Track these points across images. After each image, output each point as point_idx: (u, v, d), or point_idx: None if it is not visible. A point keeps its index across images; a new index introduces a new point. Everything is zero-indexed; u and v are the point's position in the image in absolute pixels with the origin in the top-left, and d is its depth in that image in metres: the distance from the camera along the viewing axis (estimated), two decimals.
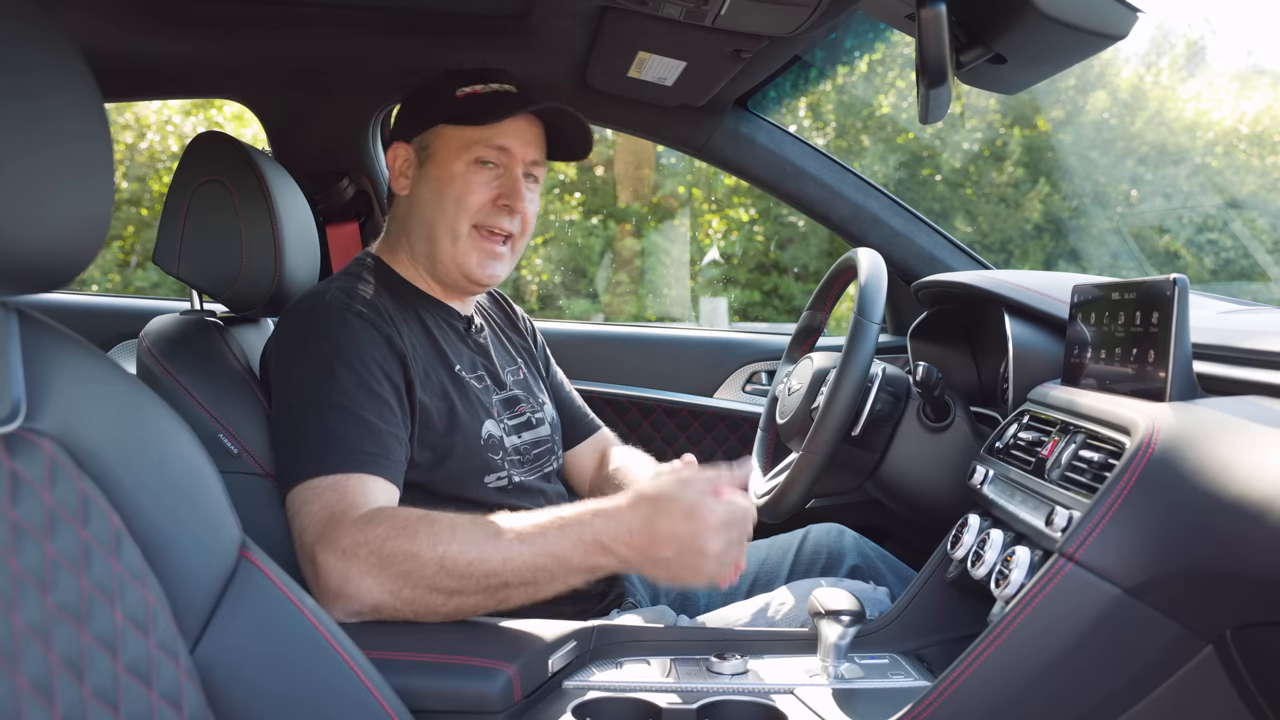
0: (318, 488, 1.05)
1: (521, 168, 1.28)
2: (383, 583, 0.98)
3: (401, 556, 0.98)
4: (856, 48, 2.23)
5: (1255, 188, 9.10)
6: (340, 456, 1.06)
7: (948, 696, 0.85)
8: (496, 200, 1.27)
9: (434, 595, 0.99)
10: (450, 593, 0.99)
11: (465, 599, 1.00)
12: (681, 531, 0.99)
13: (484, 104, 1.25)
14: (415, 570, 0.98)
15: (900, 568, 1.50)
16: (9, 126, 0.56)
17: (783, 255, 9.14)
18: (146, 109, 7.65)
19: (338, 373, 1.11)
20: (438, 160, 1.27)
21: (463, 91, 1.26)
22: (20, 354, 0.63)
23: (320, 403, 1.09)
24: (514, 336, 1.50)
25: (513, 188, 1.27)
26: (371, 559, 0.98)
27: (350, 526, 1.00)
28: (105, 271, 7.51)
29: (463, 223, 1.26)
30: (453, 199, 1.26)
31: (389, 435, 1.11)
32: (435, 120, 1.27)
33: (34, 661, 0.56)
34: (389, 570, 0.98)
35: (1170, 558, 0.78)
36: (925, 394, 1.29)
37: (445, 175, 1.26)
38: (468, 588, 0.99)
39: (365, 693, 0.77)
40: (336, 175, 1.89)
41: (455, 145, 1.26)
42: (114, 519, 0.65)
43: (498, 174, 1.27)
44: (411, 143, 1.30)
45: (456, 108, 1.26)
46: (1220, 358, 0.98)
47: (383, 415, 1.11)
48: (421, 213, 1.29)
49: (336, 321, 1.15)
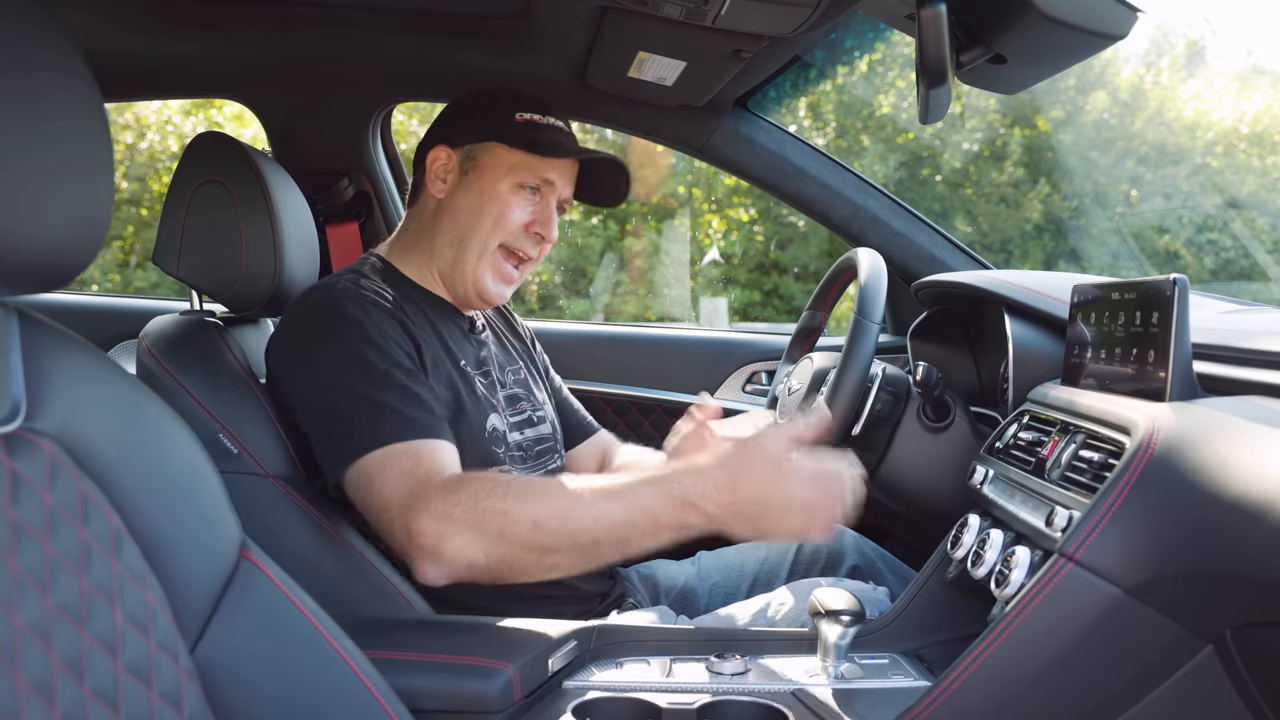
0: (390, 456, 1.06)
1: (556, 201, 1.32)
2: (477, 540, 1.00)
3: (494, 514, 1.00)
4: (856, 48, 2.23)
5: (1255, 188, 9.10)
6: (399, 425, 1.08)
7: (948, 696, 0.85)
8: (530, 226, 1.30)
9: (528, 554, 1.00)
10: (544, 550, 1.00)
11: (559, 557, 1.01)
12: (767, 485, 0.98)
13: (546, 135, 1.29)
14: (508, 528, 0.99)
15: (900, 568, 1.50)
16: (9, 127, 0.56)
17: (783, 255, 9.14)
18: (146, 109, 7.65)
19: (366, 352, 1.12)
20: (484, 175, 1.29)
21: (522, 117, 1.29)
22: (20, 354, 0.63)
23: (359, 381, 1.11)
24: (513, 340, 1.51)
25: (548, 217, 1.31)
26: (465, 518, 1.00)
27: (440, 489, 1.02)
28: (105, 271, 7.51)
29: (494, 239, 1.29)
30: (492, 215, 1.28)
31: (433, 401, 1.14)
32: (490, 136, 1.29)
33: (34, 661, 0.56)
34: (482, 529, 1.00)
35: (1170, 558, 0.78)
36: (925, 394, 1.29)
37: (490, 191, 1.28)
38: (560, 545, 1.00)
39: (365, 693, 0.77)
40: (336, 175, 1.89)
41: (505, 165, 1.28)
42: (114, 519, 0.65)
43: (535, 201, 1.30)
44: (458, 150, 1.31)
45: (516, 131, 1.28)
46: (1220, 358, 0.98)
47: (418, 385, 1.14)
48: (455, 219, 1.30)
49: (353, 308, 1.16)
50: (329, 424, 1.12)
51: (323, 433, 1.13)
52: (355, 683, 0.77)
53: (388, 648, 0.93)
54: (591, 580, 1.33)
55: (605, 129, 2.00)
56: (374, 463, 1.07)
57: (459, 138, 1.32)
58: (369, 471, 1.07)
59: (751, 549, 1.56)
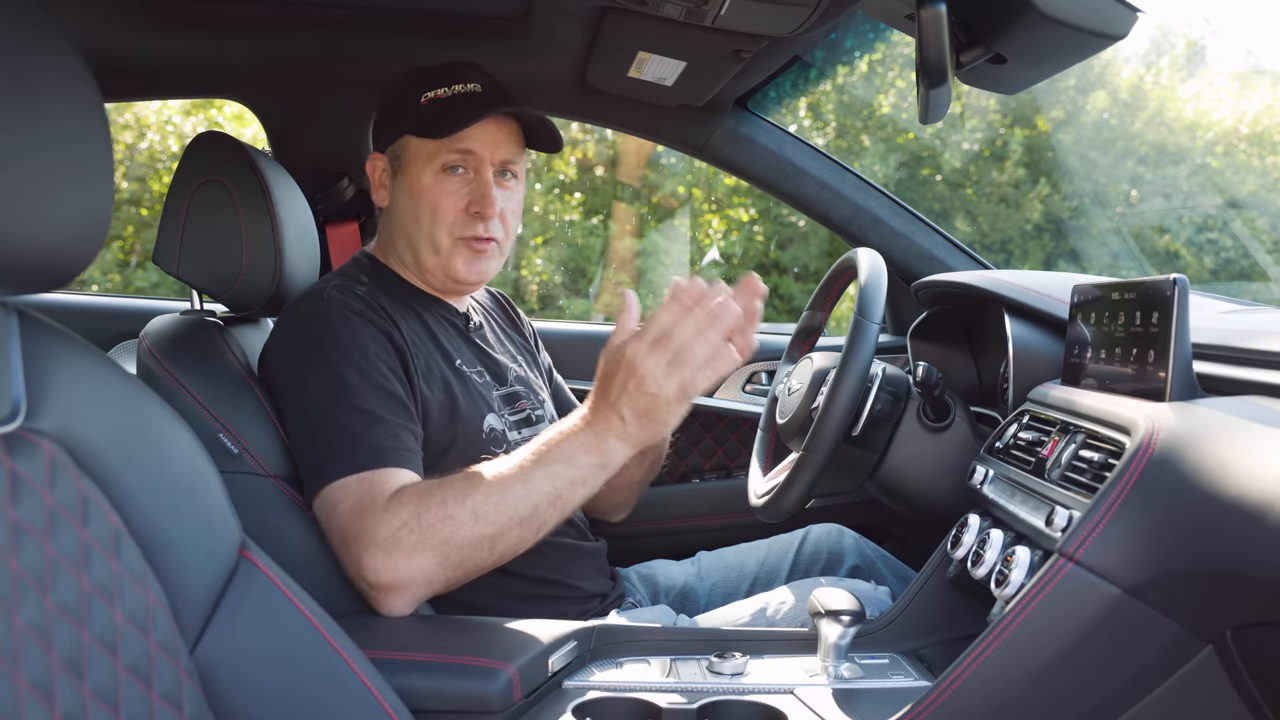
0: (345, 488, 1.06)
1: (492, 168, 1.26)
2: (429, 556, 1.01)
3: (437, 524, 1.01)
4: (856, 48, 2.23)
5: (1255, 188, 9.09)
6: (359, 455, 1.07)
7: (948, 696, 0.85)
8: (468, 209, 1.25)
9: (477, 549, 1.02)
10: (492, 539, 1.02)
11: (506, 539, 1.03)
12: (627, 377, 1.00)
13: (446, 110, 1.22)
14: (454, 533, 1.00)
15: (900, 568, 1.50)
16: (9, 128, 0.56)
17: (783, 255, 9.14)
18: (146, 109, 7.64)
19: (345, 374, 1.11)
20: (409, 171, 1.26)
21: (426, 97, 1.23)
22: (20, 354, 0.63)
23: (333, 405, 1.10)
24: (514, 335, 1.50)
25: (482, 193, 1.24)
26: (412, 538, 1.00)
27: (381, 514, 1.02)
28: (105, 271, 7.51)
29: (441, 234, 1.25)
30: (427, 211, 1.25)
31: (402, 428, 1.12)
32: (402, 130, 1.26)
33: (34, 661, 0.56)
34: (430, 541, 1.00)
35: (1170, 557, 0.78)
36: (925, 394, 1.29)
37: (417, 187, 1.25)
38: (504, 526, 1.02)
39: (365, 693, 0.77)
40: (336, 175, 1.89)
41: (423, 155, 1.24)
42: (114, 519, 0.65)
43: (467, 180, 1.25)
44: (385, 153, 1.29)
45: (420, 116, 1.23)
46: (1220, 358, 0.98)
47: (393, 410, 1.12)
48: (401, 224, 1.28)
49: (338, 322, 1.15)
50: (303, 446, 1.13)
51: (299, 454, 1.14)
52: (355, 683, 0.77)
53: (388, 648, 0.93)
54: (591, 580, 1.33)
55: (605, 129, 2.00)
56: (334, 492, 1.06)
57: (383, 141, 1.29)
58: (330, 502, 1.06)
59: (751, 549, 1.56)
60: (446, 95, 1.23)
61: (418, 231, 1.26)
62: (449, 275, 1.28)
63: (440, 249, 1.26)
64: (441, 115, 1.23)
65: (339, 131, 1.88)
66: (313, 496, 1.09)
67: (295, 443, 1.14)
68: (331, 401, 1.10)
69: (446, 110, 1.23)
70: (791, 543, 1.53)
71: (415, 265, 1.30)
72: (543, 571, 1.24)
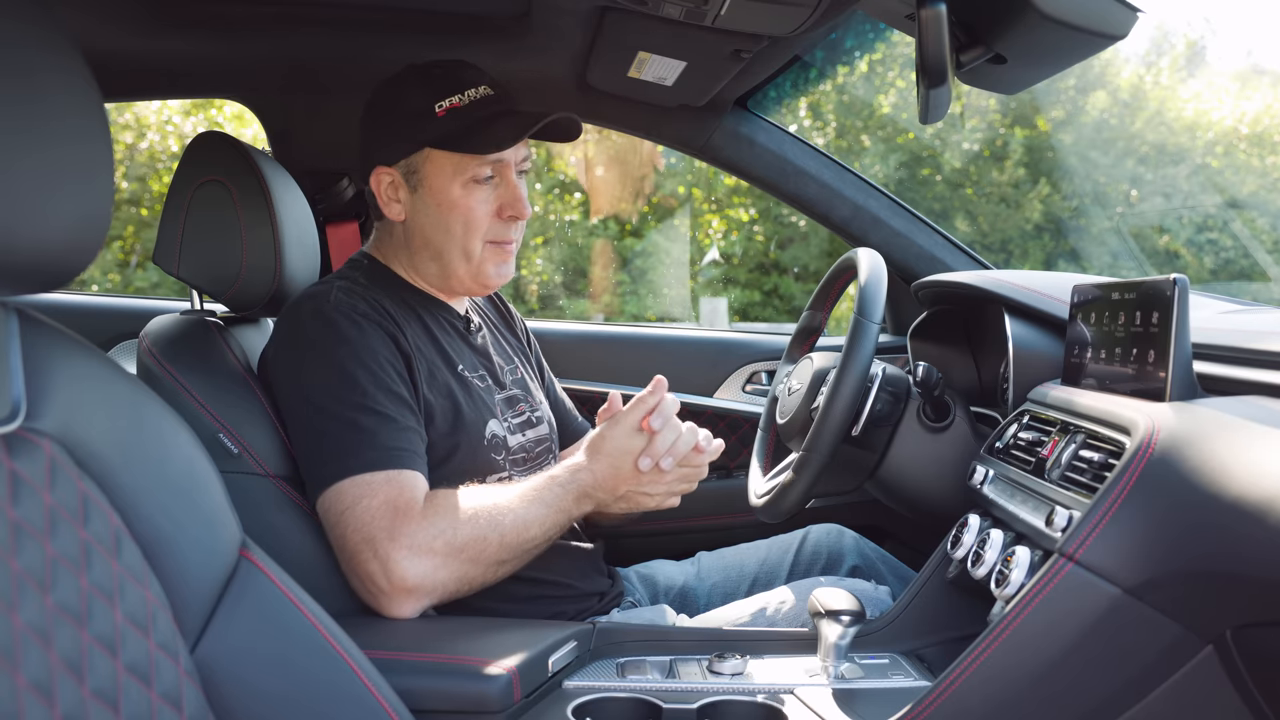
0: (370, 483, 1.07)
1: (515, 170, 1.26)
2: (455, 569, 1.07)
3: (471, 542, 1.07)
4: (856, 48, 2.23)
5: (1255, 188, 9.10)
6: (373, 453, 1.08)
7: (948, 696, 0.85)
8: (500, 213, 1.25)
9: (489, 570, 1.10)
10: (500, 563, 1.11)
11: (508, 565, 1.12)
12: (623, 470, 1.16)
13: (475, 123, 1.20)
14: (481, 554, 1.08)
15: (900, 568, 1.49)
16: (10, 128, 0.56)
17: (783, 255, 9.14)
18: (146, 109, 7.65)
19: (355, 374, 1.11)
20: (432, 186, 1.23)
21: (442, 107, 1.20)
22: (20, 354, 0.63)
23: (346, 403, 1.10)
24: (510, 337, 1.50)
25: (513, 195, 1.25)
26: (446, 549, 1.06)
27: (420, 518, 1.06)
28: (105, 271, 7.51)
29: (474, 242, 1.25)
30: (460, 223, 1.23)
31: (411, 431, 1.13)
32: (420, 143, 1.22)
33: (34, 662, 0.56)
34: (461, 556, 1.07)
35: (1170, 558, 0.78)
36: (925, 394, 1.29)
37: (445, 201, 1.23)
38: (514, 557, 1.12)
39: (365, 693, 0.77)
40: (336, 175, 1.88)
41: (449, 167, 1.22)
42: (114, 519, 0.65)
43: (495, 185, 1.25)
44: (396, 166, 1.24)
45: (443, 128, 1.20)
46: (1220, 358, 0.98)
47: (402, 413, 1.13)
48: (426, 236, 1.26)
49: (346, 324, 1.15)
50: (310, 443, 1.12)
51: (304, 451, 1.13)
52: (355, 683, 0.77)
53: (388, 648, 0.93)
54: (589, 579, 1.33)
55: (605, 129, 2.00)
56: (355, 486, 1.06)
57: (393, 155, 1.24)
58: (350, 495, 1.06)
59: (751, 549, 1.56)
60: (464, 103, 1.21)
61: (448, 242, 1.25)
62: (478, 280, 1.28)
63: (473, 256, 1.26)
64: (473, 128, 1.20)
65: (339, 131, 1.88)
66: (319, 492, 1.09)
67: (300, 441, 1.14)
68: (341, 401, 1.10)
69: (476, 123, 1.20)
70: (791, 543, 1.53)
71: (440, 275, 1.29)
72: (539, 572, 1.24)
